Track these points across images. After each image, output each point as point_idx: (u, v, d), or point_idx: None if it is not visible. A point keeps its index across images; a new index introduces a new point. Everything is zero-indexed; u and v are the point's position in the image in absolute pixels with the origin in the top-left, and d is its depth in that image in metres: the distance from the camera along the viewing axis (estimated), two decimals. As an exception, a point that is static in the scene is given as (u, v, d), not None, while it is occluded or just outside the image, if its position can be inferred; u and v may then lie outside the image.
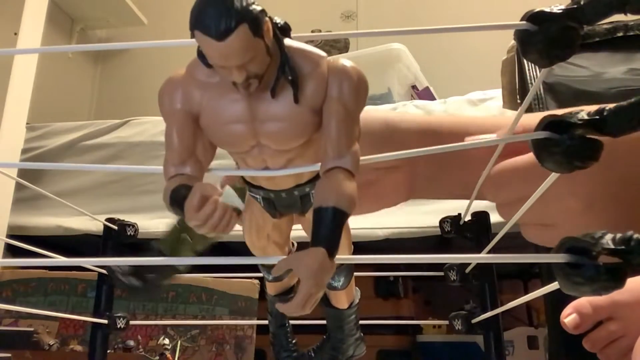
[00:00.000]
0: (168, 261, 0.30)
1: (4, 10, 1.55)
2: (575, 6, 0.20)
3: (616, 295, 0.62)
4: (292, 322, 0.47)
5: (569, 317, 0.63)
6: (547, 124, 0.20)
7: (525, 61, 1.23)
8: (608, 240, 0.18)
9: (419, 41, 2.34)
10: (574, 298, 0.67)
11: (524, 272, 2.03)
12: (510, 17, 0.23)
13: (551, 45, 0.20)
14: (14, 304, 1.06)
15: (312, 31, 2.38)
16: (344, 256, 0.34)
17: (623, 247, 0.18)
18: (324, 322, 0.45)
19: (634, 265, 0.18)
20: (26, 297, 1.42)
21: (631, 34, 1.08)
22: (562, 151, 0.20)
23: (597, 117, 0.19)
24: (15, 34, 1.50)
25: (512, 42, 0.91)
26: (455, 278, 0.63)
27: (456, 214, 0.65)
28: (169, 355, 1.17)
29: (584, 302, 0.63)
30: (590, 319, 0.63)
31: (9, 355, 1.00)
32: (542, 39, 0.20)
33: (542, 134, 0.20)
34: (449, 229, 0.64)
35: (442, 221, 0.65)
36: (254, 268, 0.44)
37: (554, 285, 0.21)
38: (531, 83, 1.18)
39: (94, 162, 1.68)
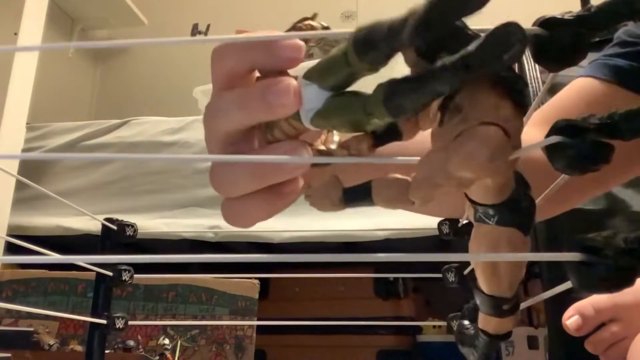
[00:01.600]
0: (167, 259, 0.30)
1: (4, 10, 1.55)
2: (586, 13, 0.21)
3: (618, 297, 0.62)
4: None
5: (570, 319, 0.63)
6: (559, 128, 0.21)
7: (525, 61, 1.23)
8: (620, 239, 0.19)
9: (419, 41, 2.35)
10: (575, 298, 0.67)
11: (524, 272, 2.02)
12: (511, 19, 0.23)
13: (562, 51, 0.21)
14: (14, 304, 1.06)
15: (313, 31, 2.37)
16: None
17: (635, 246, 0.18)
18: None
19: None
20: (26, 297, 1.42)
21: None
22: (575, 155, 0.20)
23: (609, 121, 0.20)
24: (15, 34, 1.51)
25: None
26: (453, 280, 0.63)
27: (456, 214, 0.65)
28: (169, 355, 1.17)
29: (586, 304, 0.63)
30: (592, 321, 0.63)
31: (9, 355, 1.00)
32: (553, 44, 0.21)
33: (555, 139, 0.21)
34: (447, 231, 0.64)
35: (441, 223, 0.64)
36: (254, 268, 0.43)
37: (565, 286, 0.21)
38: (531, 83, 1.18)
39: (94, 162, 1.68)
